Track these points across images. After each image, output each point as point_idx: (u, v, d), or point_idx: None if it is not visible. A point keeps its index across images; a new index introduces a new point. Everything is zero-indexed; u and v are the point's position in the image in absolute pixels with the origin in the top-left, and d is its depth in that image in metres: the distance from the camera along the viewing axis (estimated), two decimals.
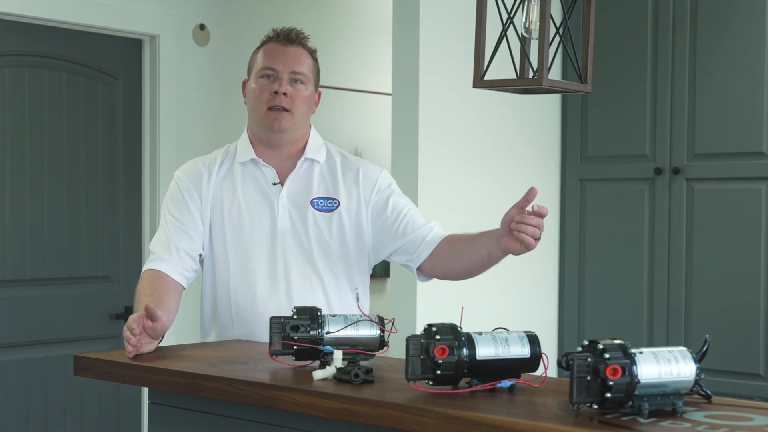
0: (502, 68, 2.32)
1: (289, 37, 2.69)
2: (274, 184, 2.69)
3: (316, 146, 2.74)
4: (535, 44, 2.26)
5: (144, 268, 2.65)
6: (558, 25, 2.30)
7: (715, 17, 4.15)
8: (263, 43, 2.73)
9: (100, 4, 4.16)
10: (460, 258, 2.63)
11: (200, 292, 2.77)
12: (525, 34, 2.29)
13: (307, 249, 2.66)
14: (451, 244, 2.63)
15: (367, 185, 2.71)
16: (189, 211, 2.68)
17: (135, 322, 2.30)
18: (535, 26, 2.26)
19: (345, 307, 2.69)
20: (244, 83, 2.75)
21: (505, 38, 2.28)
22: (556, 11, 2.41)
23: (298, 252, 2.66)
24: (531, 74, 2.32)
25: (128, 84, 4.35)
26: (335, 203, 2.69)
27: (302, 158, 2.71)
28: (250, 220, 2.67)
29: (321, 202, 2.69)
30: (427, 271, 2.69)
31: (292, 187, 2.69)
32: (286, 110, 2.65)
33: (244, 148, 2.72)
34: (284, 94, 2.64)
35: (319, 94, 2.76)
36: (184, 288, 2.66)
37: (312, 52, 2.73)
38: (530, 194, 2.32)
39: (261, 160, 2.70)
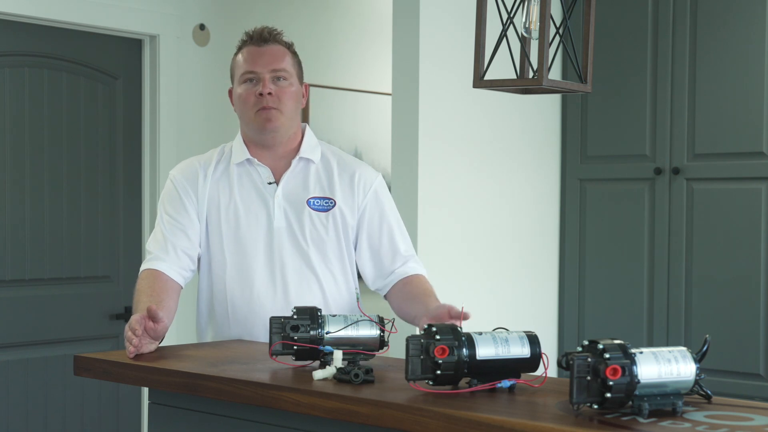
0: (502, 68, 2.33)
1: (262, 37, 2.70)
2: (270, 183, 2.69)
3: (310, 146, 2.75)
4: (535, 44, 2.26)
5: (141, 268, 2.65)
6: (558, 25, 2.30)
7: (715, 17, 4.15)
8: (239, 48, 2.74)
9: (100, 4, 4.16)
10: (400, 304, 2.73)
11: (197, 291, 2.77)
12: (525, 34, 2.29)
13: (304, 248, 2.67)
14: (402, 289, 2.73)
15: (360, 189, 2.73)
16: (186, 210, 2.69)
17: (137, 323, 2.31)
18: (535, 26, 2.26)
19: (342, 306, 2.69)
20: (231, 91, 2.76)
21: (505, 38, 2.28)
22: (556, 11, 2.42)
23: (294, 251, 2.67)
24: (531, 74, 2.32)
25: (128, 84, 4.35)
26: (331, 203, 2.70)
27: (297, 157, 2.71)
28: (246, 219, 2.67)
29: (317, 202, 2.69)
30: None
31: (287, 186, 2.70)
32: (275, 108, 2.66)
33: (239, 148, 2.73)
34: (269, 93, 2.65)
35: (306, 87, 2.77)
36: (182, 287, 2.66)
37: (289, 47, 2.74)
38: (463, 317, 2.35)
39: (256, 160, 2.71)
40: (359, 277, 2.80)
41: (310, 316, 2.18)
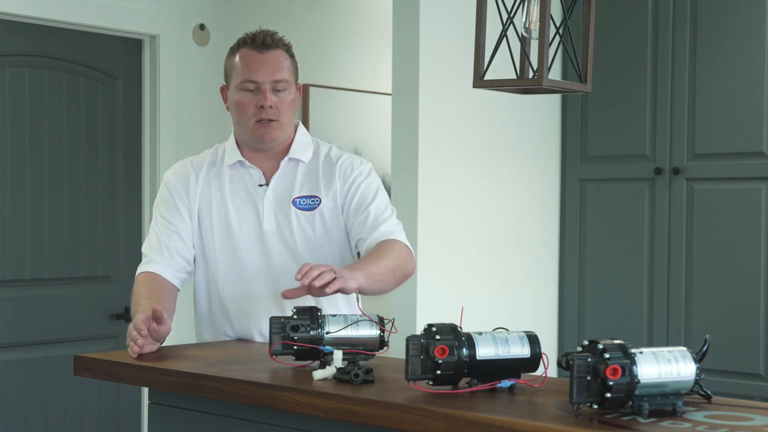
0: (502, 68, 2.33)
1: (264, 43, 2.62)
2: (260, 185, 2.68)
3: (301, 146, 2.72)
4: (535, 44, 2.26)
5: (138, 271, 2.65)
6: (558, 25, 2.30)
7: (715, 17, 4.15)
8: (237, 48, 2.66)
9: (100, 4, 4.16)
10: None
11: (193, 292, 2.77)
12: (525, 34, 2.29)
13: (293, 249, 2.65)
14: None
15: (342, 176, 2.68)
16: (179, 213, 2.68)
17: (143, 323, 2.31)
18: (535, 26, 2.26)
19: (334, 306, 2.67)
20: (223, 88, 2.71)
21: (505, 38, 2.29)
22: (556, 11, 2.42)
23: (284, 252, 2.65)
24: (531, 74, 2.32)
25: (128, 84, 4.35)
26: (316, 201, 2.67)
27: (286, 158, 2.69)
28: (238, 222, 2.67)
29: (302, 201, 2.67)
30: None
31: (276, 188, 2.68)
32: (275, 120, 2.63)
33: (231, 150, 2.71)
34: (270, 107, 2.61)
35: (300, 88, 2.72)
36: (179, 290, 2.66)
37: (288, 49, 2.67)
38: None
39: (247, 162, 2.69)
40: None
41: (310, 316, 2.19)
